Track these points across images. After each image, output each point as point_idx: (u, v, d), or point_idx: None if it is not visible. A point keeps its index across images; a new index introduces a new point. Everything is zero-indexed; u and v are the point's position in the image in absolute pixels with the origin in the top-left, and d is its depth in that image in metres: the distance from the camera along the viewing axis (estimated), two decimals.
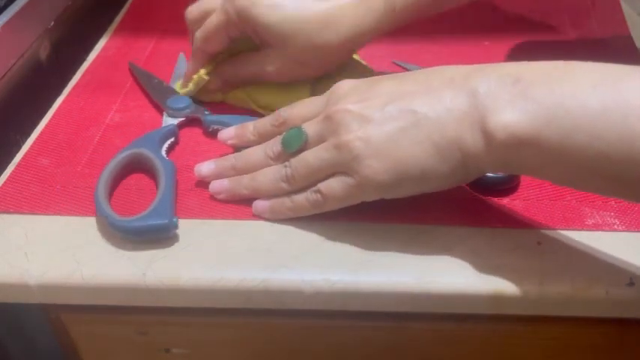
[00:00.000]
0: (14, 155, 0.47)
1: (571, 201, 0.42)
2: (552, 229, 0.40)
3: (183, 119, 0.49)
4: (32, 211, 0.42)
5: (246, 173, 0.42)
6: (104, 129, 0.49)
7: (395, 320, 0.41)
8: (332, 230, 0.40)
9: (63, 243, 0.40)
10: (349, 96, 0.38)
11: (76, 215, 0.42)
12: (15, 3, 0.56)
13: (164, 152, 0.46)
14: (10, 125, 0.55)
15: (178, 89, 0.52)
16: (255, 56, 0.48)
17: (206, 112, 0.49)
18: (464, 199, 0.42)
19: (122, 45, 0.60)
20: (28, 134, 0.49)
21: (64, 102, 0.52)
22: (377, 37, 0.46)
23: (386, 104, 0.36)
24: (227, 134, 0.44)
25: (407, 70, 0.54)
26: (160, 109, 0.51)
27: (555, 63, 0.33)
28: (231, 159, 0.43)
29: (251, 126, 0.44)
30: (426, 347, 0.43)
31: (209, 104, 0.51)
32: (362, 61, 0.53)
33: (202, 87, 0.50)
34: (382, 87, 0.37)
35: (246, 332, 0.43)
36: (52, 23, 0.62)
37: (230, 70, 0.50)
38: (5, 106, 0.55)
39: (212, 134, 0.48)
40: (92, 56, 0.58)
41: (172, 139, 0.47)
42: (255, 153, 0.42)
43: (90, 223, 0.41)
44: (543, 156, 0.32)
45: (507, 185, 0.42)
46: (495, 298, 0.37)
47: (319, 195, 0.38)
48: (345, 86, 0.39)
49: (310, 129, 0.39)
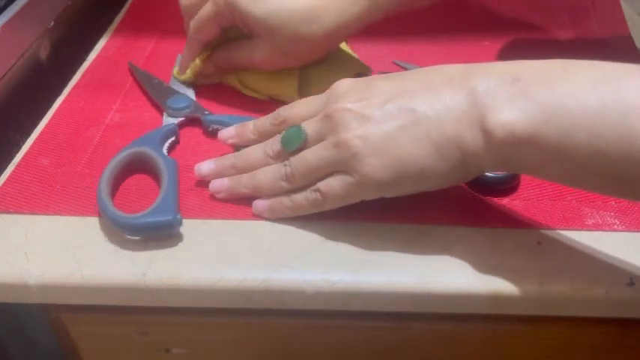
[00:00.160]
0: (14, 155, 0.47)
1: (571, 201, 0.42)
2: (552, 229, 0.40)
3: (183, 119, 0.49)
4: (32, 211, 0.42)
5: (245, 172, 0.42)
6: (104, 129, 0.49)
7: (395, 320, 0.41)
8: (332, 230, 0.40)
9: (63, 243, 0.40)
10: (348, 95, 0.38)
11: (76, 215, 0.42)
12: (15, 3, 0.56)
13: (165, 151, 0.46)
14: (10, 125, 0.55)
15: (176, 75, 0.54)
16: (245, 44, 0.49)
17: (206, 112, 0.49)
18: (464, 199, 0.42)
19: (122, 45, 0.60)
20: (28, 134, 0.49)
21: (64, 102, 0.52)
22: (362, 28, 0.47)
23: (385, 103, 0.36)
24: (227, 133, 0.45)
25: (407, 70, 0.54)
26: (160, 109, 0.51)
27: (555, 62, 0.33)
28: (231, 158, 0.43)
29: (251, 125, 0.44)
30: (426, 347, 0.43)
31: (209, 104, 0.51)
32: (348, 50, 0.54)
33: (199, 73, 0.52)
34: (381, 86, 0.38)
35: (246, 332, 0.43)
36: (52, 23, 0.62)
37: (223, 57, 0.51)
38: (5, 106, 0.55)
39: (212, 134, 0.48)
40: (92, 56, 0.58)
41: (173, 139, 0.47)
42: (254, 152, 0.42)
43: (90, 223, 0.41)
44: (543, 154, 0.32)
45: (507, 185, 0.43)
46: (495, 298, 0.37)
47: (318, 194, 0.38)
48: (345, 85, 0.39)
49: (310, 128, 0.39)
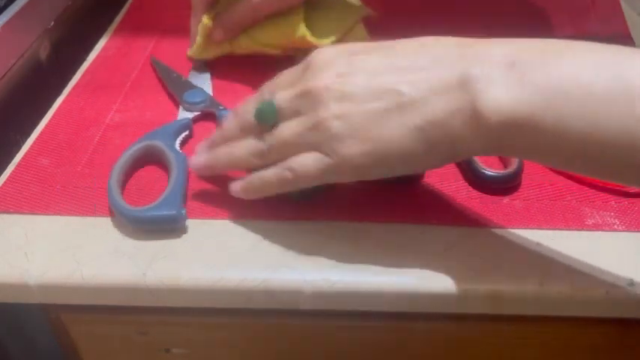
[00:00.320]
0: (14, 155, 0.47)
1: (571, 201, 0.42)
2: (552, 229, 0.40)
3: (198, 113, 0.50)
4: (32, 211, 0.42)
5: (222, 145, 0.40)
6: (104, 129, 0.49)
7: (395, 320, 0.41)
8: (332, 230, 0.40)
9: (63, 243, 0.40)
10: (329, 68, 0.35)
11: (76, 215, 0.42)
12: (15, 3, 0.56)
13: (178, 145, 0.46)
14: (10, 125, 0.55)
15: (190, 54, 0.55)
16: None
17: (221, 107, 0.50)
18: (464, 199, 0.42)
19: (122, 45, 0.60)
20: (28, 134, 0.49)
21: (64, 102, 0.52)
22: None
23: (369, 81, 0.34)
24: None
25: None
26: (170, 105, 0.51)
27: (555, 42, 0.32)
28: (211, 137, 0.42)
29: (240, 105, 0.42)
30: (426, 347, 0.43)
31: (225, 99, 0.51)
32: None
33: (208, 42, 0.53)
34: (367, 60, 0.35)
35: (246, 332, 0.43)
36: (52, 23, 0.62)
37: (227, 16, 0.51)
38: (5, 106, 0.55)
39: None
40: (92, 56, 0.58)
41: (187, 133, 0.48)
42: (230, 126, 0.40)
43: (90, 223, 0.41)
44: (538, 139, 0.31)
45: (507, 185, 0.43)
46: (495, 298, 0.37)
47: (289, 172, 0.36)
48: (326, 55, 0.36)
49: (284, 101, 0.37)
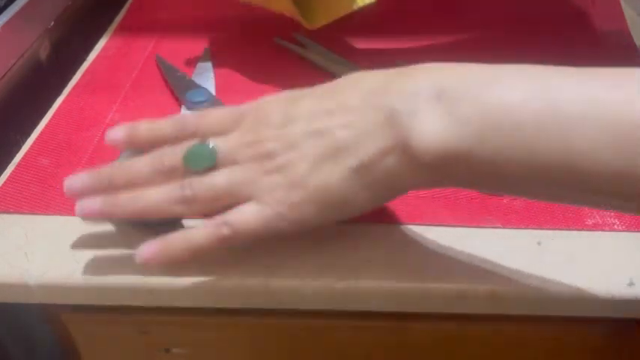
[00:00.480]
0: (14, 155, 0.47)
1: None
2: (552, 229, 0.40)
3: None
4: (32, 211, 0.42)
5: (125, 188, 0.35)
6: (104, 129, 0.49)
7: (395, 320, 0.41)
8: (332, 230, 0.40)
9: (63, 243, 0.40)
10: (270, 119, 0.35)
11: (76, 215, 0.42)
12: (15, 3, 0.56)
13: None
14: (10, 125, 0.55)
15: None
16: None
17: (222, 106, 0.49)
18: (463, 199, 0.42)
19: (122, 45, 0.60)
20: (28, 134, 0.49)
21: (64, 102, 0.52)
22: None
23: (307, 128, 0.33)
24: (114, 133, 0.37)
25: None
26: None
27: (482, 67, 0.31)
28: (107, 170, 0.36)
29: (145, 125, 0.37)
30: (426, 347, 0.43)
31: (228, 99, 0.51)
32: None
33: None
34: (301, 107, 0.35)
35: (246, 332, 0.43)
36: (52, 23, 0.62)
37: None
38: (5, 106, 0.55)
39: None
40: (92, 56, 0.58)
41: None
42: (139, 163, 0.36)
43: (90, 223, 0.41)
44: (476, 172, 0.30)
45: None
46: (495, 298, 0.37)
47: (226, 228, 0.33)
48: (263, 106, 0.36)
49: (223, 148, 0.35)
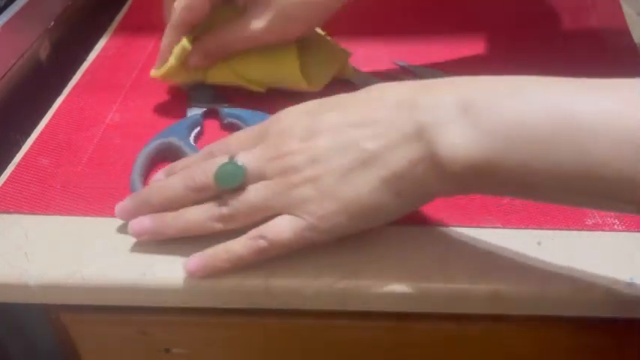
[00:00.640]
0: (14, 155, 0.47)
1: None
2: (552, 229, 0.40)
3: (206, 109, 0.50)
4: (32, 211, 0.42)
5: (164, 209, 0.38)
6: (104, 129, 0.49)
7: (395, 320, 0.41)
8: None
9: (63, 243, 0.40)
10: (293, 132, 0.36)
11: (76, 215, 0.42)
12: (15, 3, 0.56)
13: (192, 141, 0.46)
14: (10, 125, 0.55)
15: (153, 74, 0.49)
16: (239, 20, 0.46)
17: (225, 105, 0.50)
18: (464, 199, 0.42)
19: (122, 45, 0.60)
20: (28, 134, 0.49)
21: (64, 102, 0.52)
22: None
23: (333, 141, 0.34)
24: (156, 178, 0.41)
25: (407, 70, 0.54)
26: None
27: (506, 81, 0.33)
28: (144, 193, 0.39)
29: (179, 165, 0.40)
30: (426, 347, 0.43)
31: (231, 97, 0.51)
32: (330, 40, 0.53)
33: (181, 65, 0.47)
34: (325, 120, 0.35)
35: (246, 332, 0.43)
36: (52, 23, 0.62)
37: (211, 41, 0.47)
38: (5, 106, 0.55)
39: (227, 127, 0.49)
40: (92, 56, 0.58)
41: (198, 129, 0.48)
42: (171, 184, 0.38)
43: (90, 223, 0.41)
44: (501, 181, 0.32)
45: None
46: (495, 298, 0.37)
47: (262, 241, 0.35)
48: (285, 119, 0.37)
49: (250, 164, 0.36)
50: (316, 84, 0.50)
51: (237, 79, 0.49)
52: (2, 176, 0.45)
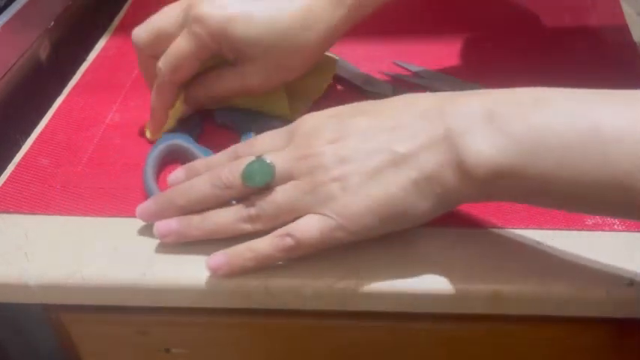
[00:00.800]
0: (14, 155, 0.47)
1: None
2: (552, 229, 0.40)
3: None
4: (32, 211, 0.42)
5: (189, 210, 0.38)
6: (104, 129, 0.49)
7: (395, 320, 0.41)
8: None
9: (63, 243, 0.40)
10: (321, 134, 0.36)
11: (76, 215, 0.42)
12: (15, 3, 0.56)
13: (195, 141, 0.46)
14: (10, 125, 0.55)
15: (150, 136, 0.47)
16: (232, 72, 0.45)
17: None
18: None
19: (122, 45, 0.60)
20: (28, 134, 0.49)
21: (64, 102, 0.52)
22: (353, 27, 0.45)
23: (363, 143, 0.35)
24: (175, 177, 0.40)
25: (408, 71, 0.54)
26: None
27: (529, 92, 0.33)
28: (168, 194, 0.39)
29: (201, 163, 0.40)
30: (426, 347, 0.43)
31: None
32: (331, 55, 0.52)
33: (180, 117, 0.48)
34: (355, 123, 0.36)
35: (246, 332, 0.43)
36: (52, 23, 0.62)
37: (203, 93, 0.46)
38: (5, 106, 0.55)
39: (220, 128, 0.48)
40: (92, 56, 0.58)
41: (198, 129, 0.48)
42: (197, 185, 0.38)
43: (90, 223, 0.41)
44: (525, 188, 0.32)
45: None
46: (495, 298, 0.37)
47: (289, 239, 0.35)
48: (313, 122, 0.37)
49: (279, 164, 0.36)
50: (303, 108, 0.48)
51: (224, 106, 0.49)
52: (2, 176, 0.45)
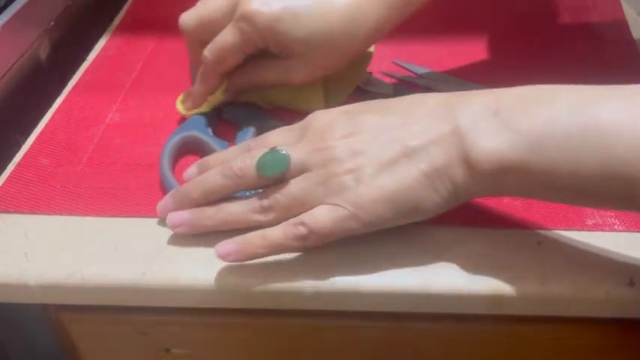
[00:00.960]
0: (14, 155, 0.47)
1: None
2: (552, 229, 0.40)
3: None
4: (32, 211, 0.42)
5: (204, 202, 0.39)
6: (104, 129, 0.49)
7: (395, 320, 0.41)
8: None
9: (63, 243, 0.40)
10: (334, 129, 0.37)
11: (76, 215, 0.42)
12: (15, 3, 0.56)
13: (211, 134, 0.46)
14: (10, 125, 0.55)
15: (184, 110, 0.48)
16: (276, 65, 0.45)
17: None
18: None
19: (122, 45, 0.60)
20: (28, 134, 0.49)
21: (64, 102, 0.52)
22: (394, 26, 0.45)
23: (376, 137, 0.36)
24: (189, 173, 0.41)
25: (408, 71, 0.54)
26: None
27: (532, 89, 0.34)
28: (183, 188, 0.40)
29: (214, 157, 0.41)
30: (426, 347, 0.43)
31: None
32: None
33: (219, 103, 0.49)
34: (366, 120, 0.37)
35: (246, 332, 0.43)
36: (52, 23, 0.62)
37: (245, 81, 0.47)
38: (5, 106, 0.55)
39: (225, 123, 0.49)
40: (92, 56, 0.58)
41: (215, 121, 0.48)
42: (210, 178, 0.38)
43: (90, 223, 0.41)
44: (529, 181, 0.33)
45: None
46: (495, 298, 0.37)
47: (302, 228, 0.35)
48: (325, 118, 0.38)
49: (294, 155, 0.36)
50: (337, 101, 0.49)
51: (263, 104, 0.49)
52: (2, 176, 0.45)
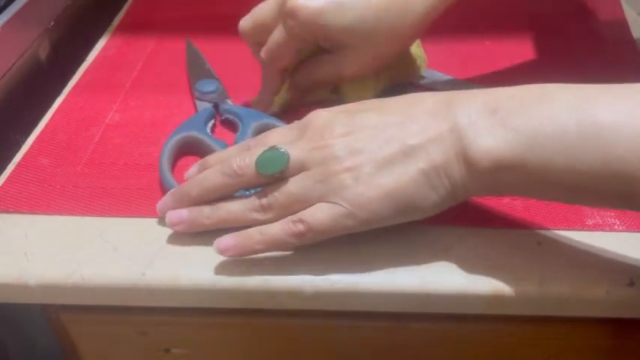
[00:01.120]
0: (14, 155, 0.47)
1: None
2: (552, 229, 0.40)
3: (214, 103, 0.50)
4: (32, 211, 0.42)
5: (204, 201, 0.39)
6: (104, 129, 0.49)
7: (395, 320, 0.41)
8: None
9: (63, 243, 0.40)
10: (333, 128, 0.37)
11: (76, 215, 0.42)
12: (15, 3, 0.56)
13: (210, 133, 0.46)
14: (10, 125, 0.55)
15: (258, 107, 0.49)
16: (329, 60, 0.46)
17: (227, 100, 0.50)
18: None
19: (122, 45, 0.60)
20: (28, 134, 0.49)
21: (64, 102, 0.52)
22: (438, 14, 0.45)
23: (375, 136, 0.36)
24: (189, 173, 0.41)
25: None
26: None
27: (530, 87, 0.34)
28: (183, 187, 0.40)
29: (213, 157, 0.41)
30: (426, 347, 0.43)
31: (239, 91, 0.51)
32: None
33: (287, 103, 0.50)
34: (365, 119, 0.37)
35: (246, 332, 0.43)
36: (52, 23, 0.62)
37: (306, 79, 0.48)
38: (5, 106, 0.55)
39: (224, 123, 0.49)
40: (92, 56, 0.58)
41: (213, 122, 0.48)
42: (210, 177, 0.38)
43: (90, 223, 0.41)
44: (527, 180, 0.33)
45: None
46: (495, 298, 0.37)
47: (300, 225, 0.36)
48: (324, 117, 0.38)
49: (293, 153, 0.37)
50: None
51: (321, 98, 0.50)
52: (2, 176, 0.45)
